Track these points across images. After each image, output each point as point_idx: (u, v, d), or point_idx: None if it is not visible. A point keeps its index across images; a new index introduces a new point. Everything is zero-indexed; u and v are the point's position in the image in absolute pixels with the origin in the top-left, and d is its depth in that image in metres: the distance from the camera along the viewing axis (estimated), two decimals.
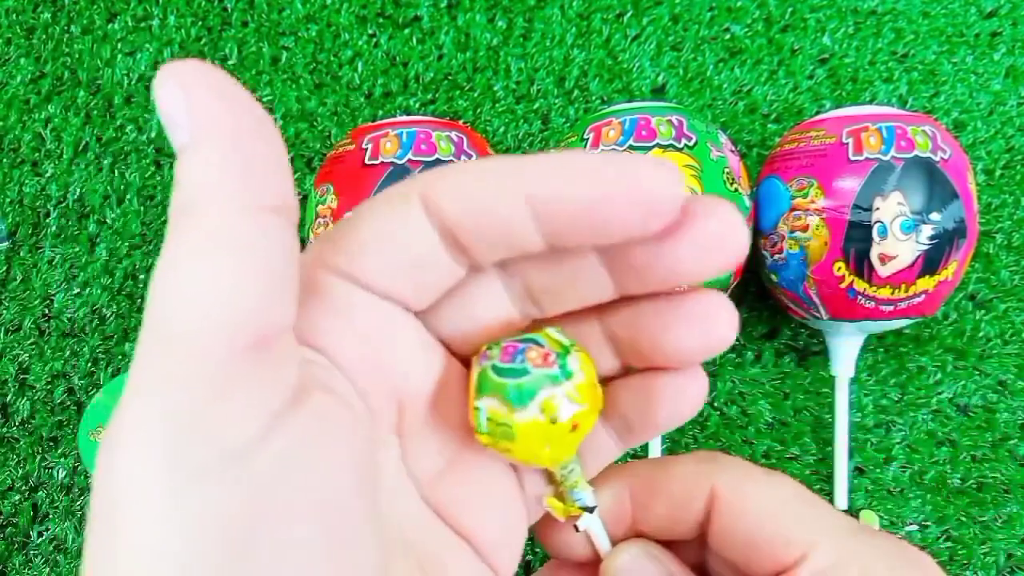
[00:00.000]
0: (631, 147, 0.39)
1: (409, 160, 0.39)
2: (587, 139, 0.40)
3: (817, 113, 0.45)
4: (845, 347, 0.43)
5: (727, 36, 0.52)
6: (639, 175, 0.18)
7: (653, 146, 0.39)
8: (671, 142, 0.39)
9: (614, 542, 0.25)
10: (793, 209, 0.40)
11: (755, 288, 0.48)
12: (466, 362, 0.24)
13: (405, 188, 0.20)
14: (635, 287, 0.21)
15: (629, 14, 0.52)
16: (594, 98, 0.51)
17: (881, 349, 0.47)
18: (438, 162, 0.39)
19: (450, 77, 0.52)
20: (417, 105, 0.52)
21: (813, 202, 0.39)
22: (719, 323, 0.22)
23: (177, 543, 0.15)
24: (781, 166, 0.41)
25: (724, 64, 0.51)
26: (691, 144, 0.39)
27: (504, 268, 0.22)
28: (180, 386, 0.15)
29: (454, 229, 0.20)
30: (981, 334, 0.48)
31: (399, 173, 0.39)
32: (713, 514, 0.24)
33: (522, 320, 0.23)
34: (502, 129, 0.51)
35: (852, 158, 0.38)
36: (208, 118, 0.16)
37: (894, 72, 0.51)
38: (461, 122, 0.50)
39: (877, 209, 0.38)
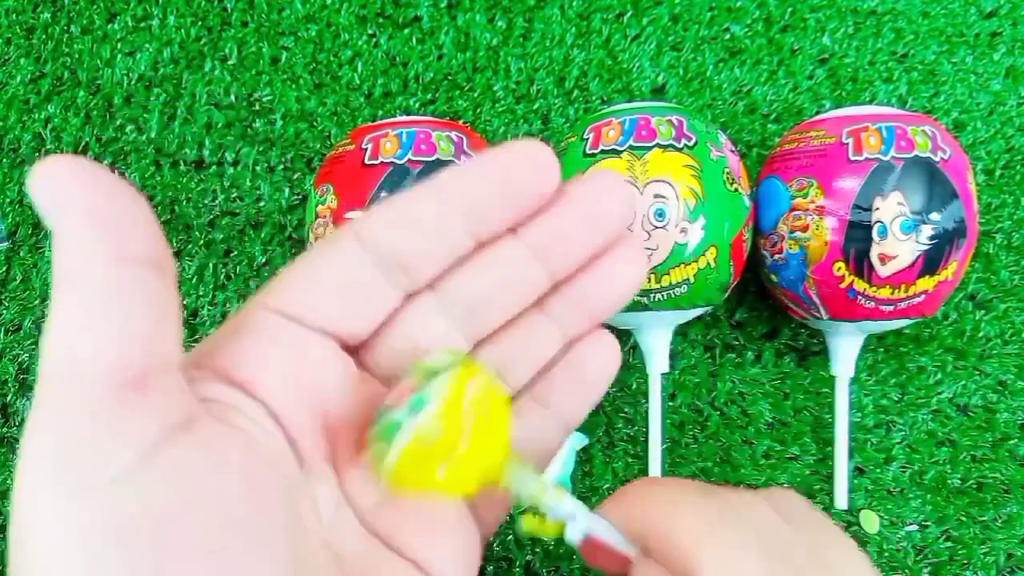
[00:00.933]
0: (631, 147, 0.39)
1: (409, 160, 0.39)
2: (587, 139, 0.40)
3: (817, 113, 0.45)
4: (845, 347, 0.43)
5: (727, 36, 0.52)
6: (522, 148, 0.24)
7: (653, 146, 0.39)
8: (671, 142, 0.39)
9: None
10: (793, 209, 0.40)
11: (755, 288, 0.48)
12: None
13: (338, 231, 0.24)
14: (560, 261, 0.25)
15: (629, 14, 0.52)
16: (594, 98, 0.51)
17: (881, 349, 0.47)
18: (438, 162, 0.39)
19: (450, 77, 0.52)
20: (417, 105, 0.52)
21: (813, 202, 0.39)
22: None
23: (76, 552, 0.17)
24: (781, 166, 0.41)
25: (724, 64, 0.51)
26: (691, 144, 0.39)
27: (438, 290, 0.25)
28: (64, 421, 0.17)
29: (391, 249, 0.24)
30: (981, 334, 0.48)
31: (399, 173, 0.39)
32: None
33: (467, 344, 0.26)
34: (502, 129, 0.51)
35: (852, 158, 0.38)
36: (66, 197, 0.18)
37: (894, 72, 0.51)
38: (461, 122, 0.50)
39: (877, 209, 0.38)
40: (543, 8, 0.52)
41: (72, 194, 0.18)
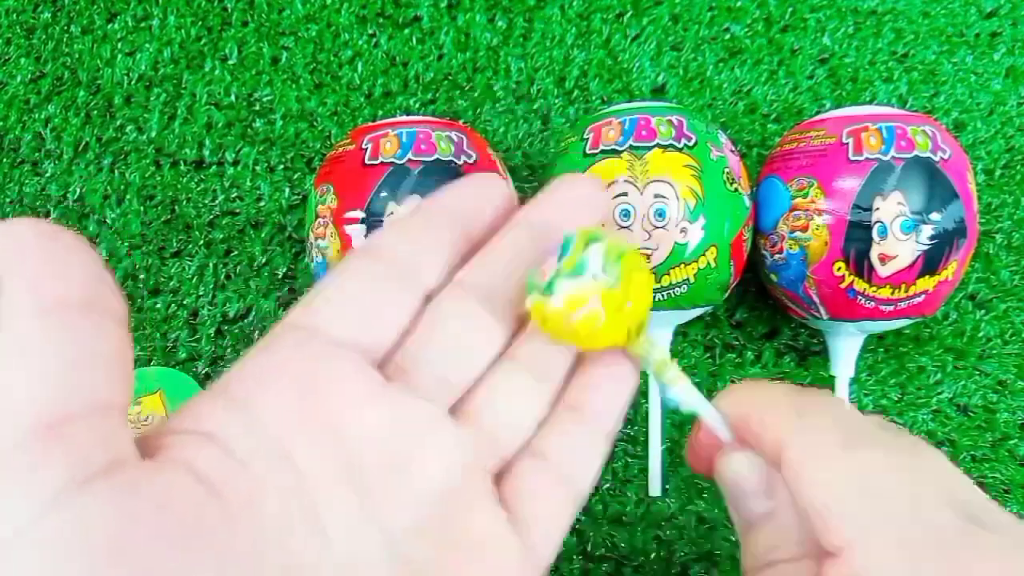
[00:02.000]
0: (631, 147, 0.39)
1: (409, 160, 0.39)
2: (587, 139, 0.40)
3: (817, 113, 0.45)
4: (845, 347, 0.43)
5: (727, 36, 0.52)
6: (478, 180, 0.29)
7: (653, 146, 0.38)
8: (671, 142, 0.39)
9: None
10: (793, 209, 0.40)
11: (755, 288, 0.48)
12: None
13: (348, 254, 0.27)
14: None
15: (629, 14, 0.52)
16: (594, 98, 0.51)
17: (881, 349, 0.47)
18: (437, 162, 0.39)
19: (450, 77, 0.52)
20: (417, 105, 0.52)
21: (813, 202, 0.39)
22: None
23: None
24: (781, 166, 0.41)
25: (724, 64, 0.51)
26: (691, 144, 0.39)
27: (458, 281, 0.27)
28: None
29: (401, 256, 0.26)
30: (981, 334, 0.48)
31: (399, 173, 0.39)
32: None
33: (505, 329, 0.27)
34: (502, 129, 0.51)
35: (852, 158, 0.38)
36: None
37: (894, 72, 0.51)
38: (461, 122, 0.50)
39: (877, 209, 0.38)
40: (543, 8, 0.52)
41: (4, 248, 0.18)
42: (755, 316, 0.48)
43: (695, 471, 0.29)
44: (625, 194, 0.38)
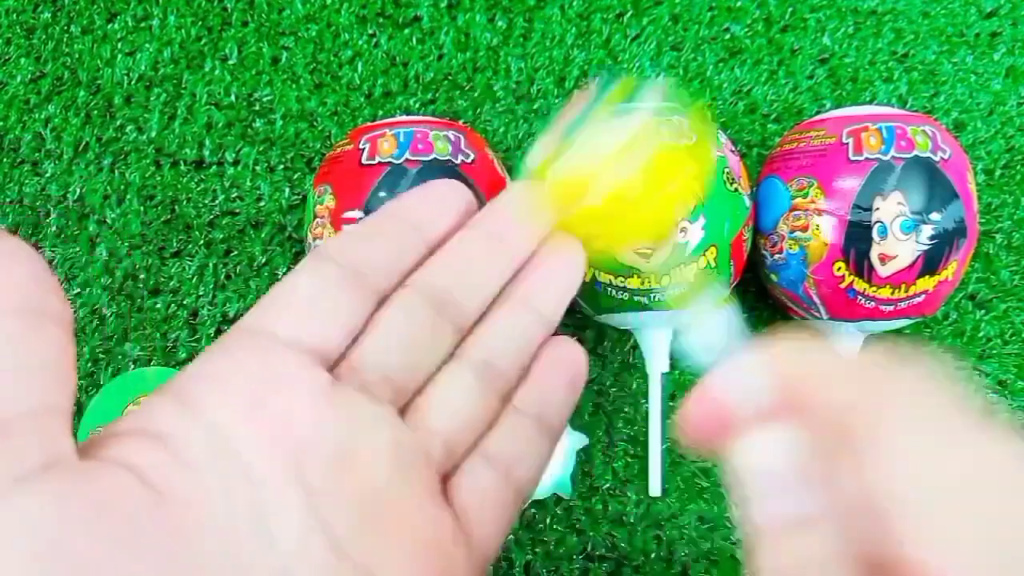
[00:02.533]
0: None
1: (406, 160, 0.39)
2: None
3: (817, 113, 0.45)
4: (845, 347, 0.43)
5: (727, 36, 0.52)
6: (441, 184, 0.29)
7: None
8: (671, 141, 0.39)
9: None
10: (793, 209, 0.40)
11: (755, 288, 0.48)
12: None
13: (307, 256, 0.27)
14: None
15: (629, 14, 0.52)
16: None
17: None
18: (435, 161, 0.39)
19: (450, 77, 0.52)
20: (417, 105, 0.52)
21: (813, 202, 0.39)
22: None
23: None
24: (781, 166, 0.41)
25: (724, 64, 0.51)
26: (691, 144, 0.39)
27: (409, 285, 0.27)
28: None
29: (357, 259, 0.26)
30: (981, 334, 0.48)
31: (396, 173, 0.39)
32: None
33: (453, 334, 0.27)
34: (502, 129, 0.51)
35: (852, 158, 0.38)
36: None
37: (894, 72, 0.51)
38: (461, 122, 0.50)
39: (877, 209, 0.38)
40: (543, 8, 0.52)
41: None
42: (755, 316, 0.48)
43: (691, 444, 0.22)
44: None
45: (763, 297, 0.48)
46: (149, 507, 0.19)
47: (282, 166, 0.51)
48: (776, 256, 0.41)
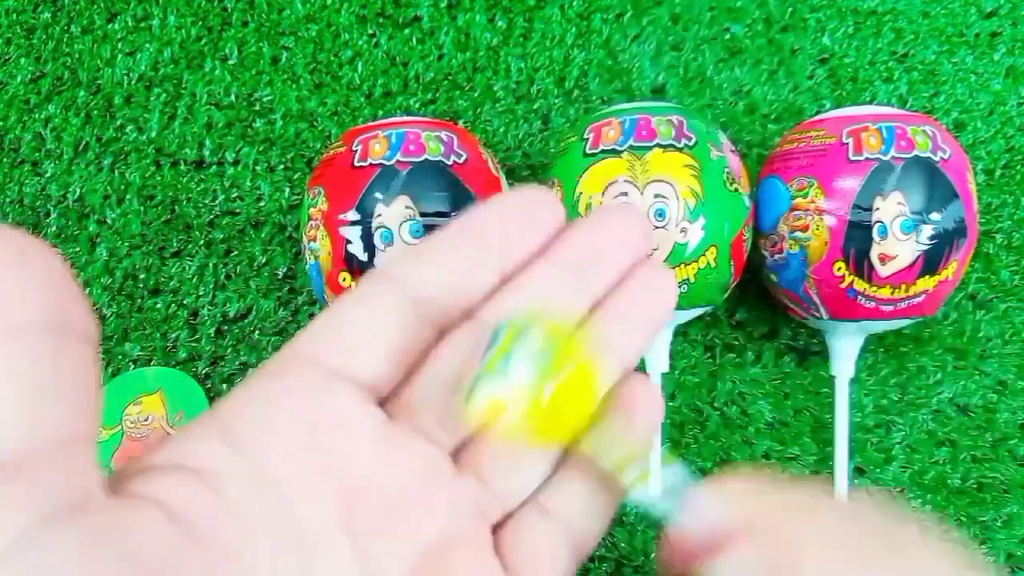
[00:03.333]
0: (631, 147, 0.39)
1: (397, 161, 0.39)
2: (587, 139, 0.40)
3: (817, 113, 0.45)
4: (845, 347, 0.43)
5: (727, 36, 0.52)
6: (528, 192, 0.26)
7: (653, 146, 0.38)
8: (671, 142, 0.39)
9: None
10: (793, 209, 0.40)
11: (755, 288, 0.47)
12: None
13: (368, 276, 0.24)
14: (591, 278, 0.26)
15: (629, 14, 0.52)
16: (594, 98, 0.51)
17: (881, 349, 0.47)
18: (426, 162, 0.39)
19: (450, 77, 0.52)
20: (417, 105, 0.52)
21: (813, 202, 0.39)
22: None
23: None
24: (781, 166, 0.41)
25: (724, 64, 0.51)
26: (691, 144, 0.39)
27: (474, 318, 0.24)
28: None
29: (424, 287, 0.24)
30: (981, 334, 0.48)
31: (388, 174, 0.38)
32: None
33: None
34: (502, 129, 0.51)
35: (852, 158, 0.38)
36: None
37: (894, 72, 0.51)
38: (461, 122, 0.50)
39: (877, 209, 0.38)
40: (543, 8, 0.52)
41: None
42: (755, 316, 0.48)
43: (674, 571, 0.25)
44: (625, 194, 0.38)
45: (763, 297, 0.47)
46: (185, 551, 0.18)
47: (282, 166, 0.51)
48: (776, 256, 0.41)
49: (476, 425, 0.22)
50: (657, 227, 0.38)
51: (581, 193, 0.39)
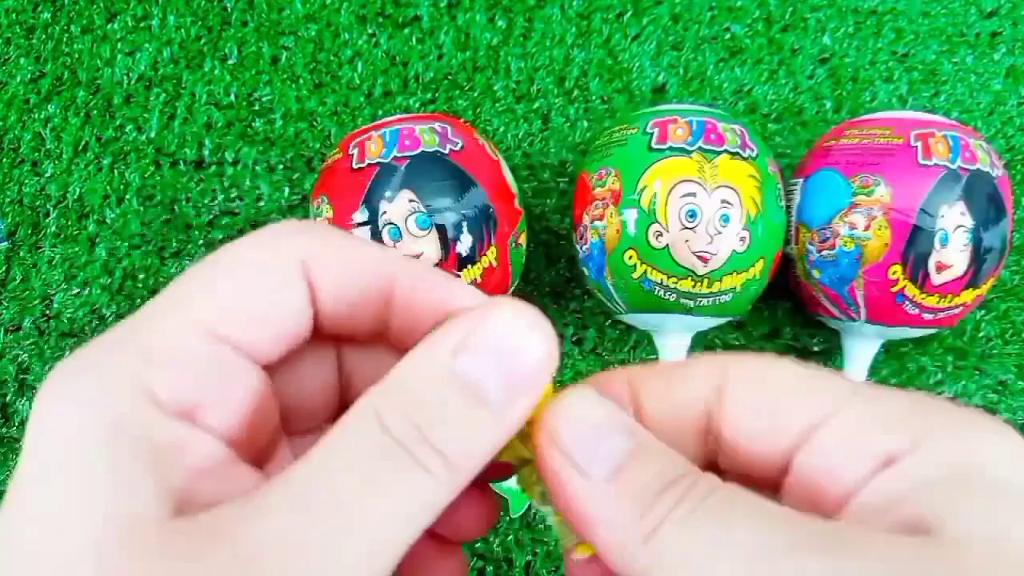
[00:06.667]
0: (701, 148, 0.28)
1: (395, 157, 0.29)
2: (651, 133, 0.28)
3: (865, 112, 0.32)
4: (862, 351, 0.32)
5: (727, 36, 0.39)
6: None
7: (722, 151, 0.28)
8: (737, 150, 0.28)
9: None
10: (854, 206, 0.27)
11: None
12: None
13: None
14: None
15: (629, 14, 0.39)
16: (594, 98, 0.39)
17: (881, 349, 0.35)
18: (424, 154, 0.30)
19: (450, 77, 0.39)
20: (417, 105, 0.39)
21: (879, 201, 0.27)
22: None
23: None
24: (841, 159, 0.29)
25: (724, 64, 0.39)
26: (754, 156, 0.29)
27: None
28: None
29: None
30: (981, 334, 0.36)
31: (387, 171, 0.29)
32: (724, 402, 0.15)
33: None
34: (502, 129, 0.38)
35: (921, 162, 0.26)
36: None
37: (894, 72, 0.38)
38: (461, 121, 0.38)
39: (942, 216, 0.26)
40: (543, 8, 0.39)
41: None
42: (755, 316, 0.36)
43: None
44: (693, 195, 0.27)
45: (763, 297, 0.35)
46: None
47: (282, 166, 0.38)
48: (824, 252, 0.29)
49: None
50: (720, 232, 0.26)
51: (645, 187, 0.28)
